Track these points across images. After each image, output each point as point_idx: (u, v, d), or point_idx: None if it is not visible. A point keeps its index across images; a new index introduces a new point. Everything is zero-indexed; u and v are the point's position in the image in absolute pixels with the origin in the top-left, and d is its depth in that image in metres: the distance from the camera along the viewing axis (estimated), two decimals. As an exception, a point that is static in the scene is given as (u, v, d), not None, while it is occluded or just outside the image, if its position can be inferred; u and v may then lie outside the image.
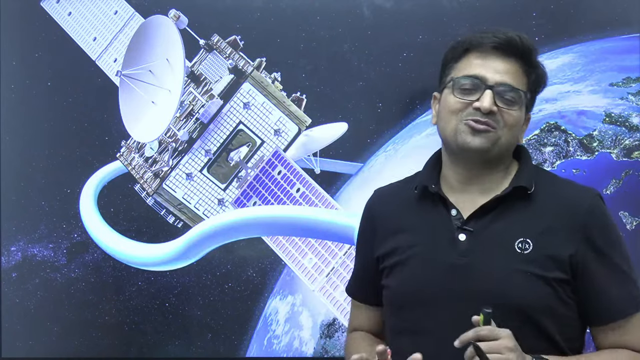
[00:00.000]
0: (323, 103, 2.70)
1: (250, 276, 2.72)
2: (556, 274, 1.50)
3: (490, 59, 1.54)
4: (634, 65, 2.63)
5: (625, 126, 2.63)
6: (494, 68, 1.53)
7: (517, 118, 1.54)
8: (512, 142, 1.57)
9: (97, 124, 2.77)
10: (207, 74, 2.75)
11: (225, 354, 2.71)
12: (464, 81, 1.54)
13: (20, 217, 2.77)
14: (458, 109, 1.53)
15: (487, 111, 1.50)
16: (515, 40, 1.54)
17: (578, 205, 1.55)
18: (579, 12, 2.64)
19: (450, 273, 1.52)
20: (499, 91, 1.52)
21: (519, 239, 1.52)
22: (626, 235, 2.60)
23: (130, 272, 2.74)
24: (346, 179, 2.70)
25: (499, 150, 1.54)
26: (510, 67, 1.55)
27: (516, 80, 1.54)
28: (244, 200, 2.74)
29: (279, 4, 2.72)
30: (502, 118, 1.52)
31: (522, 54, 1.56)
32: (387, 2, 2.70)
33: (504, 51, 1.54)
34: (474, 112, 1.51)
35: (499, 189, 1.56)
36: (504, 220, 1.53)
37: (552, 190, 1.58)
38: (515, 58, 1.55)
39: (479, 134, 1.51)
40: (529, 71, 1.57)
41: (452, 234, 1.54)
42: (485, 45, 1.54)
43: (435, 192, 1.58)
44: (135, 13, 2.76)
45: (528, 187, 1.54)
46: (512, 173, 1.59)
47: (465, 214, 1.55)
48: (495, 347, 1.37)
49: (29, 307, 2.77)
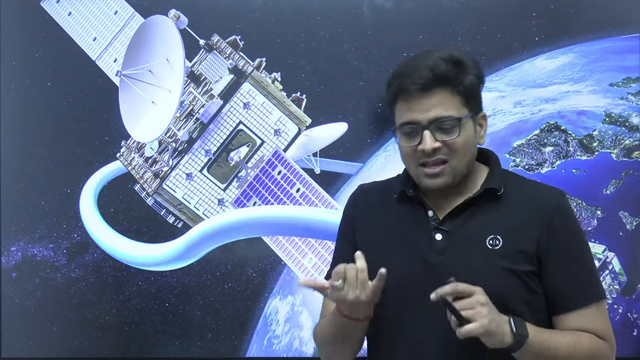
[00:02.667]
0: (323, 103, 2.70)
1: (250, 276, 2.72)
2: (525, 266, 1.61)
3: (416, 101, 1.62)
4: (634, 65, 2.63)
5: (625, 126, 2.63)
6: (422, 108, 1.61)
7: (462, 141, 1.62)
8: (470, 158, 1.66)
9: (97, 124, 2.77)
10: (207, 74, 2.76)
11: (225, 354, 2.72)
12: (403, 129, 1.63)
13: (20, 217, 2.77)
14: (410, 154, 1.63)
15: (431, 151, 1.59)
16: (429, 77, 1.60)
17: (545, 203, 1.65)
18: (579, 12, 2.64)
19: (427, 270, 1.62)
20: (435, 127, 1.60)
21: (489, 236, 1.62)
22: (626, 235, 2.60)
23: (130, 272, 2.74)
24: (346, 179, 2.70)
25: (460, 174, 1.64)
26: (437, 99, 1.61)
27: (447, 107, 1.61)
28: (244, 200, 2.74)
29: (279, 4, 2.72)
30: (449, 148, 1.61)
31: (442, 82, 1.61)
32: (387, 2, 2.70)
33: (427, 88, 1.61)
34: (422, 155, 1.60)
35: (471, 192, 1.66)
36: (476, 219, 1.64)
37: (520, 191, 1.68)
38: (438, 88, 1.61)
39: (436, 176, 1.61)
40: (456, 87, 1.62)
41: (429, 233, 1.65)
42: (409, 91, 1.62)
43: (412, 195, 1.68)
44: (135, 13, 2.76)
45: (498, 189, 1.66)
46: (483, 176, 1.70)
47: (441, 215, 1.66)
48: (468, 303, 1.48)
49: (29, 307, 2.77)
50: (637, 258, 2.60)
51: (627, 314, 2.60)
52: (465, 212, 1.65)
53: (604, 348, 1.63)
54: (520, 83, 2.65)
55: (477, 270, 1.59)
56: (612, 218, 2.61)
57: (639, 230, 2.61)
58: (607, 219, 2.61)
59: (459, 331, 1.46)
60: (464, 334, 1.46)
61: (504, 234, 1.62)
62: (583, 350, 1.60)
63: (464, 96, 1.63)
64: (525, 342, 1.51)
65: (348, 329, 1.65)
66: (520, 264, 1.61)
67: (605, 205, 2.61)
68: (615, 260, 2.59)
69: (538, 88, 2.65)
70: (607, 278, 2.59)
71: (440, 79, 1.61)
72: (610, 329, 1.66)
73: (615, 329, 1.67)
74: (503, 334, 1.50)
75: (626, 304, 2.60)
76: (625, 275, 2.60)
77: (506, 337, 1.50)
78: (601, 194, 2.62)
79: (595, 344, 1.62)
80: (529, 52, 2.65)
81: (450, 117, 1.61)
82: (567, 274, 1.63)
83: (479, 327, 1.46)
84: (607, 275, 2.59)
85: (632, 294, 2.60)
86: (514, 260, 1.61)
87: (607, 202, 2.61)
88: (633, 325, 2.59)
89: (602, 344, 1.63)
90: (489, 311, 1.49)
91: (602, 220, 2.61)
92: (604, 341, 1.64)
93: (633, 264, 2.60)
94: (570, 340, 1.60)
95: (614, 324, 2.56)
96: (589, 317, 1.63)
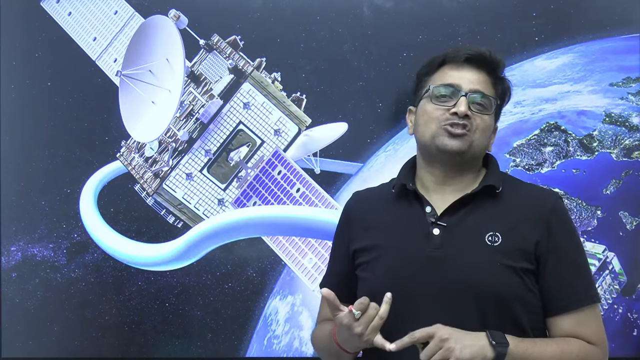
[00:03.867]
0: (323, 103, 2.70)
1: (250, 276, 2.72)
2: (523, 264, 1.63)
3: (464, 70, 1.71)
4: (634, 65, 2.63)
5: (625, 126, 2.63)
6: (467, 78, 1.70)
7: (488, 123, 1.70)
8: (484, 147, 1.72)
9: (97, 124, 2.77)
10: (207, 74, 2.76)
11: (225, 354, 2.72)
12: (441, 89, 1.70)
13: (20, 217, 2.77)
14: (437, 115, 1.68)
15: (463, 115, 1.65)
16: (485, 55, 1.72)
17: (542, 204, 1.69)
18: (579, 12, 2.64)
19: (425, 264, 1.64)
20: (472, 98, 1.68)
21: (489, 233, 1.64)
22: (626, 235, 2.61)
23: (130, 272, 2.74)
24: (346, 179, 2.70)
25: (473, 152, 1.69)
26: (482, 77, 1.72)
27: (487, 89, 1.71)
28: (244, 200, 2.74)
29: (279, 4, 2.72)
30: (476, 122, 1.67)
31: (491, 67, 1.73)
32: (387, 2, 2.70)
33: (476, 63, 1.72)
34: (451, 117, 1.67)
35: (469, 189, 1.70)
36: (475, 216, 1.67)
37: (518, 191, 1.73)
38: (485, 70, 1.72)
39: (456, 137, 1.66)
40: (497, 83, 1.74)
41: (426, 228, 1.67)
42: (459, 57, 1.71)
43: (412, 189, 1.71)
44: (135, 13, 2.76)
45: (496, 186, 1.69)
46: (482, 176, 1.74)
47: (439, 210, 1.68)
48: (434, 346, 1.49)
49: (29, 307, 2.77)
50: (637, 258, 2.61)
51: (627, 314, 2.60)
52: (464, 209, 1.67)
53: (594, 354, 1.63)
54: (520, 83, 2.65)
55: (476, 265, 1.61)
56: (612, 218, 2.61)
57: (639, 230, 2.61)
58: (607, 219, 2.61)
59: None
60: None
61: (503, 231, 1.64)
62: (571, 356, 1.60)
63: (498, 92, 1.74)
64: (507, 350, 1.51)
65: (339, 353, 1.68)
66: (519, 261, 1.63)
67: (605, 205, 2.61)
68: (615, 260, 2.59)
69: (538, 88, 2.65)
70: (607, 278, 2.59)
71: (493, 63, 1.72)
72: (603, 334, 1.67)
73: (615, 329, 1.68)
74: (483, 350, 1.51)
75: (626, 304, 2.60)
76: (625, 275, 2.60)
77: (487, 351, 1.51)
78: (601, 194, 2.62)
79: (585, 350, 1.62)
80: (529, 52, 2.65)
81: (489, 95, 1.70)
82: (563, 276, 1.65)
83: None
84: (607, 275, 2.59)
85: (632, 294, 2.60)
86: (513, 258, 1.63)
87: (607, 202, 2.61)
88: (633, 325, 2.59)
89: (592, 350, 1.63)
90: (456, 341, 1.50)
91: (602, 220, 2.61)
92: (594, 346, 1.63)
93: (633, 264, 2.60)
94: (557, 348, 1.60)
95: (614, 324, 2.57)
96: (582, 320, 1.64)
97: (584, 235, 2.60)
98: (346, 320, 1.56)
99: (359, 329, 1.54)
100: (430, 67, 1.76)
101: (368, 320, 1.54)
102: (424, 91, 1.74)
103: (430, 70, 1.75)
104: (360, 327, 1.54)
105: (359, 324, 1.54)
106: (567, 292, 1.64)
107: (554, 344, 1.61)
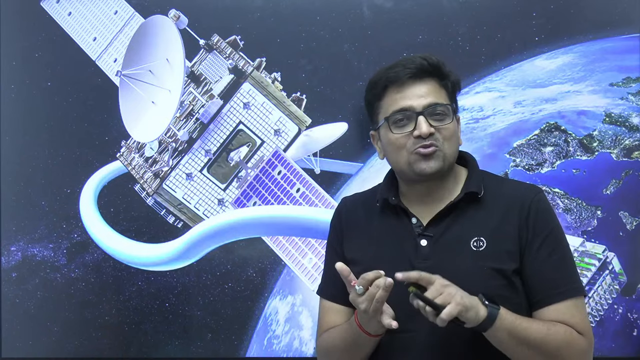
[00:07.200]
0: (323, 103, 2.70)
1: (250, 276, 2.72)
2: (510, 265, 1.65)
3: (409, 87, 1.69)
4: (634, 65, 2.63)
5: (625, 126, 2.63)
6: (416, 94, 1.68)
7: (452, 129, 1.70)
8: (456, 152, 1.72)
9: (97, 124, 2.77)
10: (207, 74, 2.76)
11: (225, 354, 2.72)
12: (396, 117, 1.68)
13: (20, 217, 2.77)
14: (402, 143, 1.68)
15: (427, 135, 1.65)
16: (424, 64, 1.69)
17: (524, 201, 1.69)
18: (579, 12, 2.64)
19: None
20: (428, 112, 1.67)
21: (473, 238, 1.67)
22: (626, 236, 2.60)
23: (130, 272, 2.74)
24: (346, 179, 2.70)
25: (449, 163, 1.69)
26: (429, 87, 1.69)
27: (438, 96, 1.69)
28: (244, 200, 2.74)
29: (279, 4, 2.72)
30: (441, 134, 1.67)
31: (433, 73, 1.70)
32: (387, 2, 2.70)
33: (418, 76, 1.69)
34: (417, 140, 1.66)
35: (452, 197, 1.71)
36: (459, 223, 1.69)
37: (499, 192, 1.73)
38: (429, 78, 1.70)
39: (429, 158, 1.66)
40: (444, 83, 1.72)
41: (414, 240, 1.69)
42: (401, 78, 1.68)
43: (395, 204, 1.73)
44: (135, 13, 2.77)
45: (478, 192, 1.70)
46: (462, 179, 1.75)
47: (425, 221, 1.70)
48: (435, 291, 1.51)
49: (29, 307, 2.77)
50: (637, 258, 2.60)
51: (627, 314, 2.60)
52: (448, 217, 1.69)
53: (580, 340, 1.63)
54: (520, 83, 2.65)
55: (464, 272, 1.63)
56: (612, 218, 2.61)
57: (639, 230, 2.61)
58: (607, 219, 2.61)
59: (439, 318, 1.49)
60: (445, 318, 1.49)
61: (487, 235, 1.66)
62: (557, 335, 1.60)
63: (450, 91, 1.72)
64: (498, 314, 1.54)
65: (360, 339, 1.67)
66: (505, 262, 1.65)
67: (605, 205, 2.61)
68: (615, 260, 2.59)
69: (538, 88, 2.65)
70: (607, 278, 2.59)
71: (433, 67, 1.69)
72: (588, 326, 1.67)
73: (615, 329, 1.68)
74: (477, 307, 1.53)
75: (626, 304, 2.60)
76: (625, 275, 2.60)
77: (480, 310, 1.53)
78: (601, 194, 2.62)
79: (571, 333, 1.62)
80: (529, 52, 2.65)
81: (443, 103, 1.68)
82: (544, 268, 1.66)
83: (456, 305, 1.49)
84: (607, 275, 2.59)
85: (632, 294, 2.60)
86: (498, 260, 1.65)
87: (607, 202, 2.61)
88: (633, 325, 2.59)
89: (579, 336, 1.63)
90: (456, 289, 1.53)
91: (602, 220, 2.61)
92: (580, 335, 1.63)
93: (633, 264, 2.60)
94: (543, 326, 1.61)
95: (614, 324, 2.57)
96: (565, 311, 1.64)
97: (584, 235, 2.60)
98: (351, 295, 1.57)
99: (364, 305, 1.55)
100: (375, 92, 1.73)
101: (371, 297, 1.55)
102: (379, 120, 1.72)
103: (376, 95, 1.73)
104: (365, 303, 1.55)
105: (363, 300, 1.55)
106: (550, 285, 1.65)
107: (541, 323, 1.62)
